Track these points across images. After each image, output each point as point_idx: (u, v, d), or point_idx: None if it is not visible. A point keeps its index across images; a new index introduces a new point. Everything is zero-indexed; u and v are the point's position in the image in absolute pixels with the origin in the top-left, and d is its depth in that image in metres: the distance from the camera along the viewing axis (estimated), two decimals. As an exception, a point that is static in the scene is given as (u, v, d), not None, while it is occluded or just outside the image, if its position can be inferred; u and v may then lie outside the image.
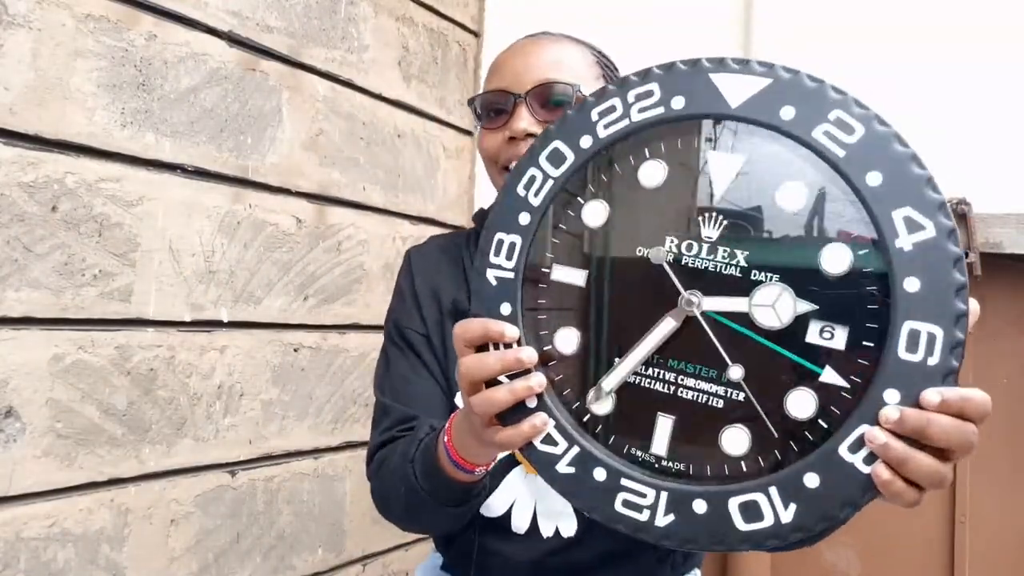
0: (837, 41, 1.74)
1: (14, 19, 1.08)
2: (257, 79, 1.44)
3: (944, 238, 0.53)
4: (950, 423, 0.53)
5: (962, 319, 0.53)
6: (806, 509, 0.56)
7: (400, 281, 1.10)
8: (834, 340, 0.56)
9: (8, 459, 1.09)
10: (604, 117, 0.64)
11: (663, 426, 0.61)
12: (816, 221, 0.58)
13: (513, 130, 0.96)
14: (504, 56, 1.03)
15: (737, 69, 0.59)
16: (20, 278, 1.10)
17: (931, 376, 0.53)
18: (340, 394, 1.64)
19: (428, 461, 0.83)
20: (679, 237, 0.61)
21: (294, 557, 1.54)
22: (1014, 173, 1.58)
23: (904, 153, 0.56)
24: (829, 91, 0.58)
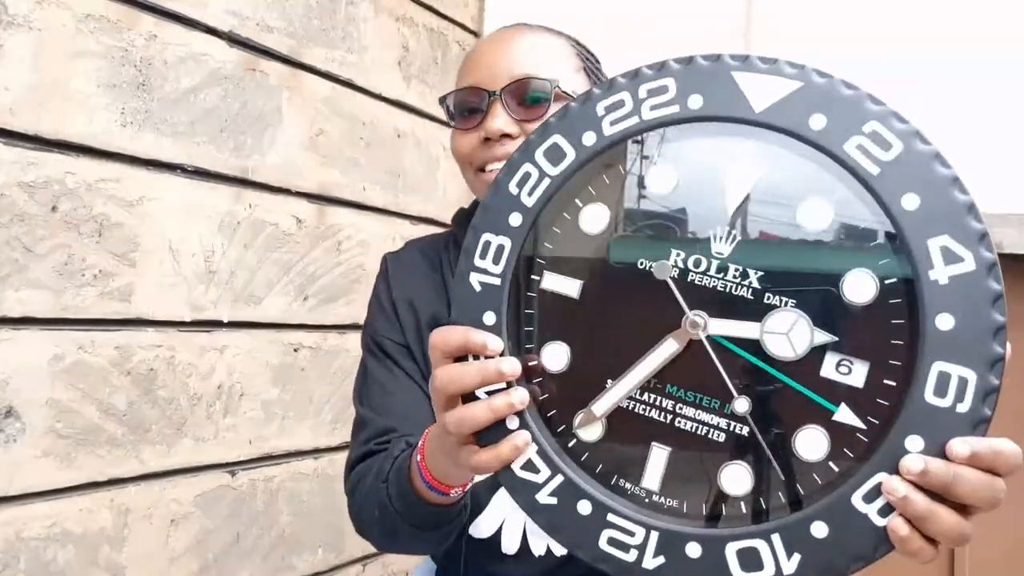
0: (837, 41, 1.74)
1: (14, 19, 1.08)
2: (257, 79, 1.44)
3: (985, 272, 0.48)
4: (979, 478, 0.48)
5: (998, 364, 0.48)
6: (811, 561, 0.50)
7: (377, 289, 1.05)
8: (852, 376, 0.51)
9: (8, 459, 1.09)
10: (611, 112, 0.57)
11: (657, 458, 0.55)
12: (841, 243, 0.52)
13: (488, 130, 0.89)
14: (477, 50, 0.97)
15: (764, 69, 0.53)
16: (20, 278, 1.10)
17: (960, 425, 0.48)
18: (340, 394, 1.64)
19: (402, 482, 0.77)
20: (686, 251, 0.55)
21: (294, 557, 1.54)
22: (1014, 173, 1.58)
23: (946, 176, 0.50)
24: (866, 100, 0.52)
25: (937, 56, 1.65)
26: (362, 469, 0.89)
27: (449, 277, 0.99)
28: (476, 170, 0.93)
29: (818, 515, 0.50)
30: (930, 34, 1.66)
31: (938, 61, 1.65)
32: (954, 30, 1.64)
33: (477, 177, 0.94)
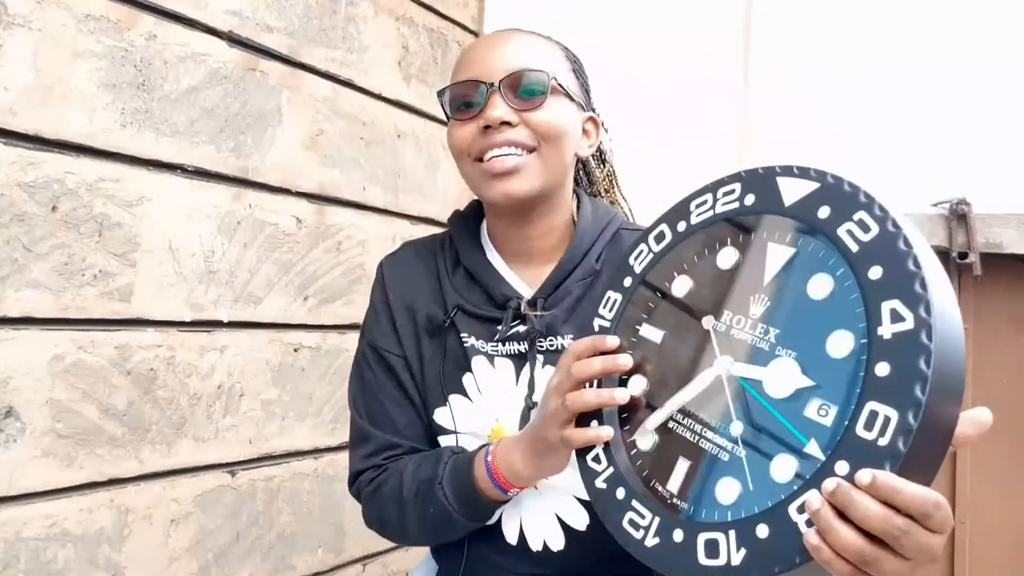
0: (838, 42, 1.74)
1: (14, 19, 1.08)
2: (257, 79, 1.44)
3: (920, 331, 0.56)
4: (873, 508, 0.53)
5: (919, 409, 0.55)
6: (751, 557, 0.60)
7: (374, 296, 1.07)
8: (827, 418, 0.60)
9: (8, 459, 1.09)
10: (698, 208, 0.76)
11: (680, 468, 0.70)
12: (832, 309, 0.63)
13: (488, 118, 0.91)
14: (472, 49, 0.99)
15: (797, 174, 0.69)
16: (20, 278, 1.10)
17: (877, 456, 0.55)
18: (340, 394, 1.64)
19: (462, 484, 0.88)
20: (734, 311, 0.71)
21: (294, 557, 1.54)
22: (1014, 173, 1.58)
23: (905, 252, 0.59)
24: (860, 195, 0.64)
25: (936, 56, 1.65)
26: (380, 478, 0.97)
27: (445, 278, 1.01)
28: (474, 159, 0.94)
29: (763, 519, 0.61)
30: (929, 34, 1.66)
31: (937, 61, 1.65)
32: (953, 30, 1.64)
33: (475, 166, 0.94)
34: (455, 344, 0.98)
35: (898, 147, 1.67)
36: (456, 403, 0.98)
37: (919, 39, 1.67)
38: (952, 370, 0.56)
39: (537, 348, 0.95)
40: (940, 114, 1.65)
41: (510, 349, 0.96)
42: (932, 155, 1.64)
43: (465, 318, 0.98)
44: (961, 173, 1.61)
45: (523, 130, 0.92)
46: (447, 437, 0.98)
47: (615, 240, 1.01)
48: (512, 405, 0.96)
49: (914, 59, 1.67)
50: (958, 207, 1.54)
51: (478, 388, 0.97)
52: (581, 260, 0.98)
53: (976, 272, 1.52)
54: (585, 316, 0.93)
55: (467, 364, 0.97)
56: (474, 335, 0.97)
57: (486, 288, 0.99)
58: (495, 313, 0.97)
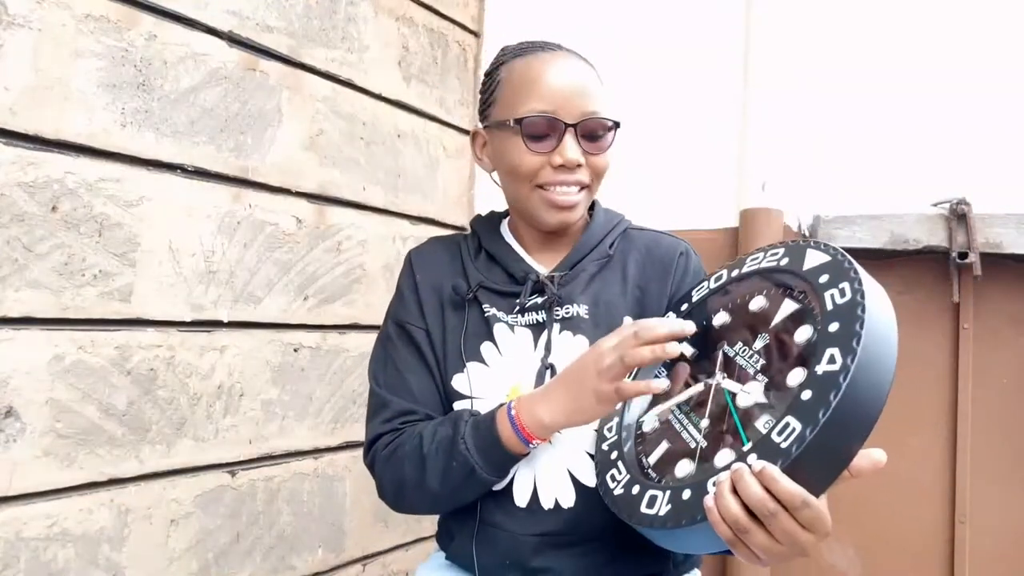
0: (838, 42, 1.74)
1: (14, 19, 1.08)
2: (257, 79, 1.44)
3: (841, 374, 0.70)
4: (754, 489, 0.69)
5: (815, 427, 0.69)
6: (672, 510, 0.78)
7: (401, 282, 1.15)
8: (771, 431, 0.73)
9: (8, 459, 1.09)
10: (751, 262, 0.95)
11: (661, 448, 0.88)
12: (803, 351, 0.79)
13: (567, 159, 1.01)
14: (538, 71, 1.04)
15: (821, 249, 0.86)
16: (20, 278, 1.10)
17: (775, 454, 0.70)
18: (340, 394, 1.64)
19: (484, 437, 0.97)
20: (744, 342, 0.89)
21: (294, 557, 1.54)
22: (1014, 173, 1.58)
23: (858, 316, 0.74)
24: (852, 270, 0.79)
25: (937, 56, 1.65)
26: (397, 440, 1.04)
27: (469, 261, 1.12)
28: (536, 186, 1.04)
29: (687, 485, 0.78)
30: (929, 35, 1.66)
31: (938, 61, 1.65)
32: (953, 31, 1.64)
33: (535, 192, 1.04)
34: (477, 315, 1.07)
35: (898, 147, 1.67)
36: (474, 370, 1.05)
37: (919, 39, 1.67)
38: (859, 410, 0.70)
39: (554, 316, 1.05)
40: (940, 114, 1.64)
41: (529, 319, 1.06)
42: (932, 155, 1.64)
43: (487, 293, 1.08)
44: (961, 173, 1.61)
45: (586, 171, 1.04)
46: (462, 402, 1.05)
47: (626, 235, 1.13)
48: (529, 368, 1.04)
49: (914, 59, 1.67)
50: (958, 207, 1.54)
51: (499, 351, 1.05)
52: (596, 246, 1.10)
53: (976, 272, 1.52)
54: (599, 291, 1.08)
55: (488, 333, 1.06)
56: (495, 306, 1.07)
57: (506, 267, 1.09)
58: (515, 288, 1.07)
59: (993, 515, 1.57)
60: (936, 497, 1.62)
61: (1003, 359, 1.58)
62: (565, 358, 1.02)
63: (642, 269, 1.10)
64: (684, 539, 0.79)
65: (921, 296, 1.64)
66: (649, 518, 0.80)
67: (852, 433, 0.71)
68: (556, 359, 1.03)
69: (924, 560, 1.62)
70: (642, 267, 1.10)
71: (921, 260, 1.63)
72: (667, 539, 0.81)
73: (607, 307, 1.06)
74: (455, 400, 1.06)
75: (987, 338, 1.59)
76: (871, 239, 1.61)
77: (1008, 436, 1.56)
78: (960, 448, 1.59)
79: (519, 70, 1.05)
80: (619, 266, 1.10)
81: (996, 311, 1.59)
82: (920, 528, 1.63)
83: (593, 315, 1.05)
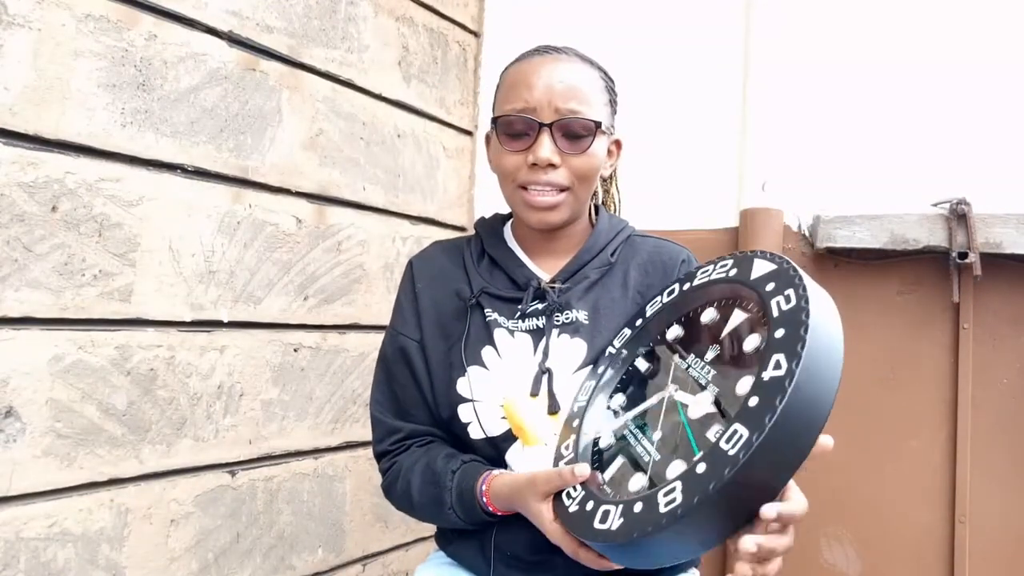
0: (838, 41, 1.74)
1: (14, 19, 1.08)
2: (257, 79, 1.44)
3: (786, 379, 0.71)
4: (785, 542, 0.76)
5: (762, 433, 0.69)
6: (624, 524, 0.77)
7: (401, 290, 1.16)
8: (721, 440, 0.73)
9: (8, 459, 1.09)
10: (701, 274, 0.96)
11: (615, 464, 0.89)
12: (752, 359, 0.80)
13: (538, 158, 1.01)
14: (523, 74, 1.05)
15: (767, 258, 0.87)
16: (20, 278, 1.10)
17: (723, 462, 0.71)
18: (340, 394, 1.64)
19: (468, 503, 1.00)
20: (696, 354, 0.90)
21: (294, 557, 1.54)
22: (1014, 173, 1.58)
23: (802, 321, 0.75)
24: (796, 277, 0.80)
25: (937, 56, 1.65)
26: (388, 475, 1.10)
27: (472, 266, 1.12)
28: (517, 185, 1.05)
29: (639, 498, 0.78)
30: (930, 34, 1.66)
31: (938, 61, 1.65)
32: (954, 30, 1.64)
33: (517, 192, 1.05)
34: (479, 320, 1.08)
35: (898, 147, 1.67)
36: (475, 374, 1.06)
37: (919, 39, 1.67)
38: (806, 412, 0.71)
39: (554, 321, 1.05)
40: (940, 114, 1.64)
41: (529, 325, 1.06)
42: (932, 155, 1.64)
43: (489, 298, 1.09)
44: (961, 173, 1.60)
45: (563, 171, 1.03)
46: (466, 405, 1.06)
47: (629, 242, 1.14)
48: (528, 371, 1.05)
49: (914, 59, 1.67)
50: (958, 207, 1.54)
51: (498, 355, 1.06)
52: (598, 253, 1.11)
53: (976, 272, 1.52)
54: (599, 296, 1.08)
55: (489, 337, 1.06)
56: (497, 312, 1.08)
57: (509, 273, 1.10)
58: (517, 294, 1.08)
59: (993, 515, 1.57)
60: (936, 497, 1.62)
61: (1003, 359, 1.58)
62: (562, 361, 1.04)
63: (643, 274, 1.11)
64: (636, 554, 0.78)
65: (921, 296, 1.64)
66: (602, 533, 0.79)
67: (801, 435, 0.71)
68: (553, 363, 1.04)
69: (924, 560, 1.62)
70: (643, 272, 1.11)
71: (921, 260, 1.62)
72: (620, 555, 0.80)
73: (607, 311, 1.07)
74: (458, 404, 1.06)
75: (987, 338, 1.59)
76: (871, 239, 1.61)
77: (1008, 436, 1.56)
78: (960, 448, 1.59)
79: (511, 73, 1.08)
80: (620, 272, 1.11)
81: (996, 311, 1.59)
82: (920, 528, 1.63)
83: (593, 319, 1.06)
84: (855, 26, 1.72)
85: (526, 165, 1.03)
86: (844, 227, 1.63)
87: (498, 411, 1.03)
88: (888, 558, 1.65)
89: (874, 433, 1.67)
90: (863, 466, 1.67)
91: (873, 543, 1.67)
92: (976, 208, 1.53)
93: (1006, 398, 1.57)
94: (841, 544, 1.69)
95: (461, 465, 1.02)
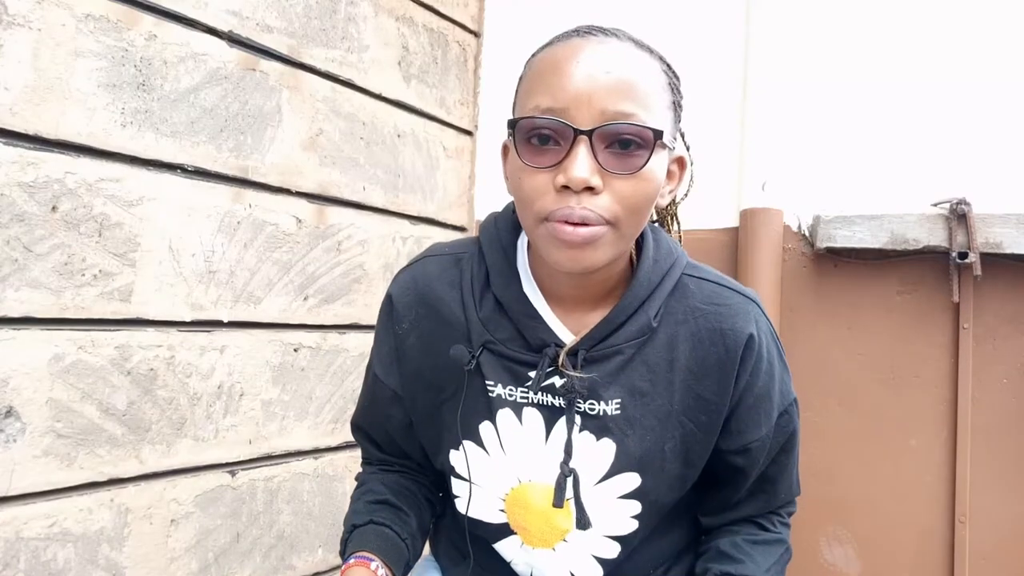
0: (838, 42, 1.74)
1: (14, 19, 1.08)
2: (257, 79, 1.44)
3: None
4: None
5: None
6: None
7: (379, 325, 0.94)
8: None
9: (8, 459, 1.09)
10: None
11: None
12: None
13: (571, 179, 0.71)
14: (555, 62, 0.76)
15: None
16: (20, 278, 1.10)
17: None
18: (340, 394, 1.64)
19: None
20: None
21: (294, 557, 1.54)
22: (1014, 173, 1.58)
23: None
24: None
25: (937, 56, 1.65)
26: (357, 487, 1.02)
27: (471, 307, 0.86)
28: (541, 218, 0.74)
29: None
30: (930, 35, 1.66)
31: (938, 61, 1.65)
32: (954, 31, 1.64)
33: (539, 225, 0.75)
34: (478, 387, 0.86)
35: (898, 146, 1.67)
36: (472, 452, 0.88)
37: (919, 39, 1.67)
38: None
39: (575, 409, 0.83)
40: (940, 114, 1.64)
41: (542, 399, 0.84)
42: (932, 155, 1.64)
43: (491, 358, 0.84)
44: (961, 173, 1.60)
45: (606, 199, 0.73)
46: (461, 483, 0.90)
47: (677, 290, 0.85)
48: (539, 464, 0.86)
49: (914, 59, 1.67)
50: (958, 207, 1.54)
51: (501, 445, 0.86)
52: (635, 311, 0.83)
53: (976, 272, 1.52)
54: (635, 380, 0.82)
55: (489, 414, 0.86)
56: (500, 382, 0.85)
57: (520, 328, 0.84)
58: (527, 356, 0.83)
59: (993, 515, 1.57)
60: (936, 497, 1.62)
61: (1003, 359, 1.58)
62: (586, 465, 0.84)
63: (695, 357, 0.84)
64: None
65: (921, 296, 1.64)
66: None
67: None
68: (577, 464, 0.83)
69: (924, 560, 1.62)
70: (695, 354, 0.84)
71: (921, 260, 1.62)
72: None
73: (644, 404, 0.83)
74: (452, 476, 0.91)
75: (987, 338, 1.59)
76: (871, 239, 1.61)
77: (1008, 436, 1.56)
78: (960, 448, 1.59)
79: (539, 60, 0.79)
80: (664, 346, 0.83)
81: (996, 311, 1.59)
82: (920, 528, 1.63)
83: (626, 413, 0.83)
84: (855, 27, 1.72)
85: (554, 188, 0.73)
86: (844, 227, 1.63)
87: (497, 502, 0.88)
88: (888, 558, 1.65)
89: (874, 433, 1.67)
90: (863, 466, 1.67)
91: (873, 543, 1.67)
92: (976, 208, 1.53)
93: (1006, 398, 1.57)
94: (841, 544, 1.69)
95: (363, 525, 0.89)
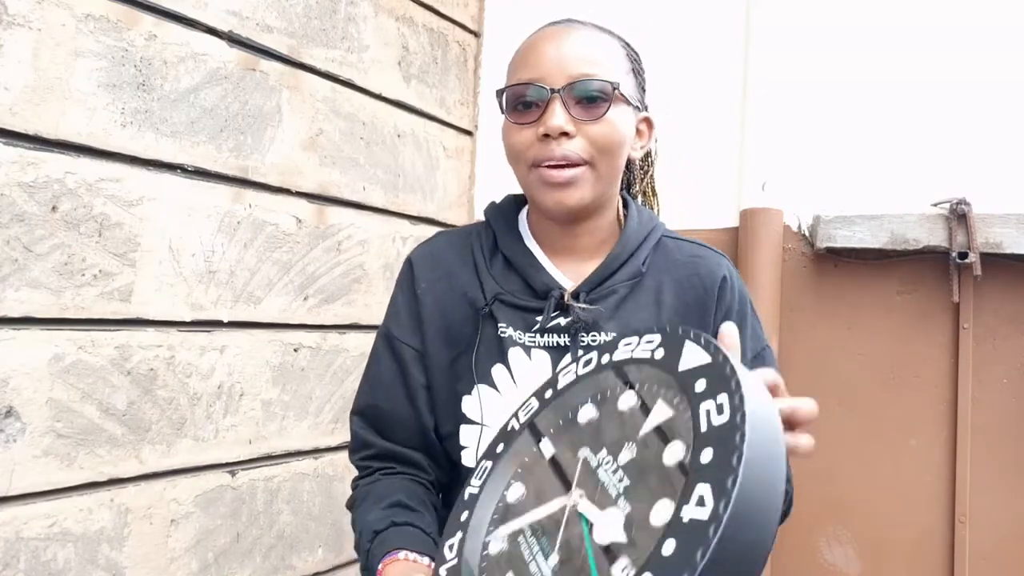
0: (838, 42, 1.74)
1: (14, 19, 1.08)
2: (257, 79, 1.44)
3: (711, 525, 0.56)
4: None
5: None
6: None
7: (398, 290, 1.04)
8: None
9: (8, 459, 1.09)
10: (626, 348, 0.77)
11: None
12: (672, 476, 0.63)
13: (548, 127, 0.90)
14: (532, 44, 0.96)
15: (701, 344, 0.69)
16: (20, 278, 1.10)
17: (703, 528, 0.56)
18: (340, 394, 1.64)
19: None
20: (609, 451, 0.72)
21: (294, 557, 1.54)
22: (1014, 173, 1.58)
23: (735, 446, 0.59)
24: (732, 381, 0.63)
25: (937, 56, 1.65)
26: (354, 492, 1.00)
27: (483, 266, 0.99)
28: (530, 165, 0.93)
29: None
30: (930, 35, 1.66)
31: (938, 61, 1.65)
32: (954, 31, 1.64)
33: (530, 172, 0.93)
34: (491, 333, 0.96)
35: (898, 147, 1.67)
36: (485, 394, 0.96)
37: (919, 39, 1.67)
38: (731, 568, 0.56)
39: (579, 343, 0.93)
40: (940, 114, 1.65)
41: (549, 341, 0.94)
42: (932, 155, 1.64)
43: (503, 307, 0.96)
44: (961, 173, 1.61)
45: (580, 141, 0.91)
46: (471, 427, 0.96)
47: (659, 247, 1.01)
48: None
49: (914, 59, 1.67)
50: (958, 207, 1.54)
51: (512, 380, 0.95)
52: (627, 260, 0.97)
53: (976, 272, 1.52)
54: (629, 316, 0.94)
55: (502, 355, 0.95)
56: (511, 325, 0.95)
57: (525, 277, 0.97)
58: (535, 303, 0.95)
59: (993, 515, 1.57)
60: (936, 497, 1.62)
61: (1003, 359, 1.58)
62: None
63: (679, 297, 0.97)
64: None
65: (921, 296, 1.64)
66: None
67: None
68: None
69: (924, 560, 1.62)
70: (679, 289, 0.98)
71: (921, 260, 1.63)
72: None
73: None
74: (463, 423, 0.97)
75: (987, 338, 1.59)
76: (871, 239, 1.61)
77: (1008, 436, 1.56)
78: (960, 448, 1.59)
79: (521, 48, 0.99)
80: (652, 286, 0.98)
81: (996, 311, 1.59)
82: (920, 528, 1.63)
83: None
84: (855, 27, 1.72)
85: (537, 139, 0.91)
86: (844, 227, 1.64)
87: None
88: (888, 558, 1.65)
89: (874, 433, 1.67)
90: (863, 466, 1.67)
91: (873, 543, 1.67)
92: (976, 208, 1.53)
93: (1006, 398, 1.57)
94: (841, 544, 1.69)
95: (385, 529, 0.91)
